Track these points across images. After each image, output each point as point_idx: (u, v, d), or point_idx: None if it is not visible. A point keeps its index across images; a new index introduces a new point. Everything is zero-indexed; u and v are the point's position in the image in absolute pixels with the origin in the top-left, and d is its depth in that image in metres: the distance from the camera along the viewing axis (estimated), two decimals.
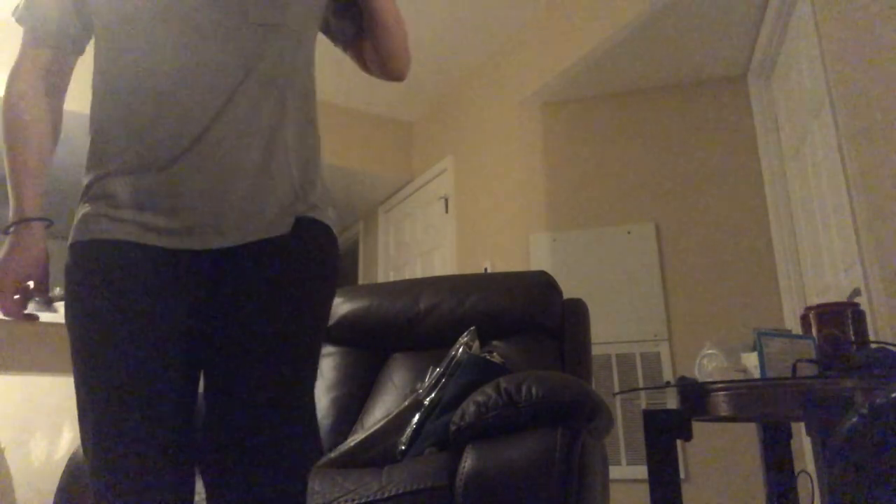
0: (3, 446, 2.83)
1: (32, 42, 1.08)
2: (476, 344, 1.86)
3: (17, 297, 1.03)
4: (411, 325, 2.07)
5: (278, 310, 0.98)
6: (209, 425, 0.97)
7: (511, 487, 1.27)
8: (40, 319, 1.08)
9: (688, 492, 2.78)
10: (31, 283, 1.04)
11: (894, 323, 1.78)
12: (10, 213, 1.03)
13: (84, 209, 1.02)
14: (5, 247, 1.02)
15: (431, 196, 4.27)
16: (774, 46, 2.84)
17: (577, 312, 2.01)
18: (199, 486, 0.99)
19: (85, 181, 1.03)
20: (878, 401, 1.26)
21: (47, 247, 1.05)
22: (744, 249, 3.02)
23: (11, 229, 1.02)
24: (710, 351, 1.66)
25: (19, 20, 1.08)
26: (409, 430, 1.68)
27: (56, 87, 1.10)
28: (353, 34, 1.24)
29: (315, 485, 1.41)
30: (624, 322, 3.10)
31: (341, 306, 2.15)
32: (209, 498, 0.95)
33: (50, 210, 1.07)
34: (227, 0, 1.02)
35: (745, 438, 2.78)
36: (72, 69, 1.12)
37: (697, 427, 1.72)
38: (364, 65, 1.28)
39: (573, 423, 1.36)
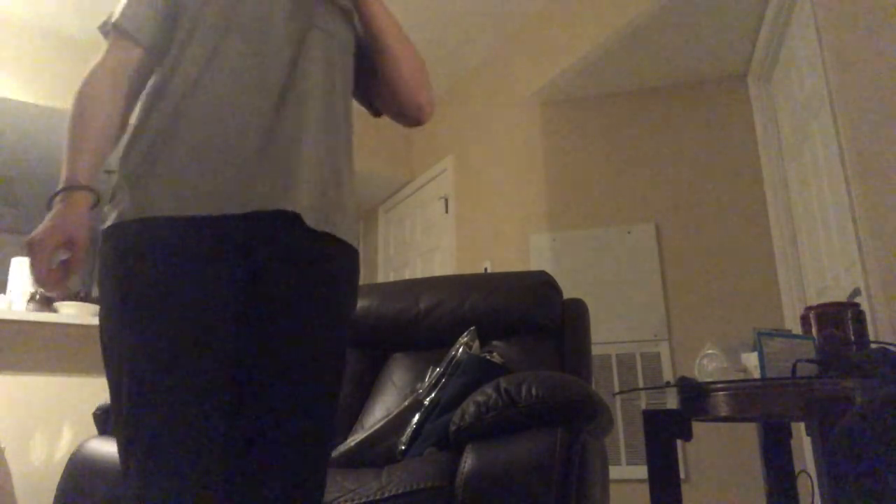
0: (3, 446, 2.83)
1: (122, 44, 1.11)
2: (476, 344, 1.86)
3: (55, 265, 0.99)
4: (411, 325, 2.07)
5: (314, 333, 1.03)
6: (231, 452, 1.00)
7: (511, 487, 1.27)
8: (40, 320, 1.07)
9: (688, 492, 2.78)
10: (70, 253, 1.00)
11: (894, 323, 1.78)
12: (60, 184, 1.02)
13: (119, 194, 1.03)
14: (50, 213, 1.00)
15: (431, 196, 4.27)
16: (774, 46, 2.84)
17: (577, 312, 2.01)
18: None
19: (120, 172, 1.04)
20: (877, 400, 1.26)
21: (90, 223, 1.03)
22: (744, 249, 3.02)
23: (58, 197, 1.01)
24: (710, 351, 1.66)
25: (116, 24, 1.11)
26: (409, 430, 1.68)
27: (133, 90, 1.13)
28: (365, 73, 1.26)
29: None
30: (624, 322, 3.10)
31: None
32: None
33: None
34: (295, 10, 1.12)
35: (745, 438, 2.78)
36: (150, 76, 1.15)
37: (697, 427, 1.72)
38: (378, 106, 1.30)
39: (573, 423, 1.36)
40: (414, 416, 1.71)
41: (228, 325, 0.99)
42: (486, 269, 3.60)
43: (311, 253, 1.05)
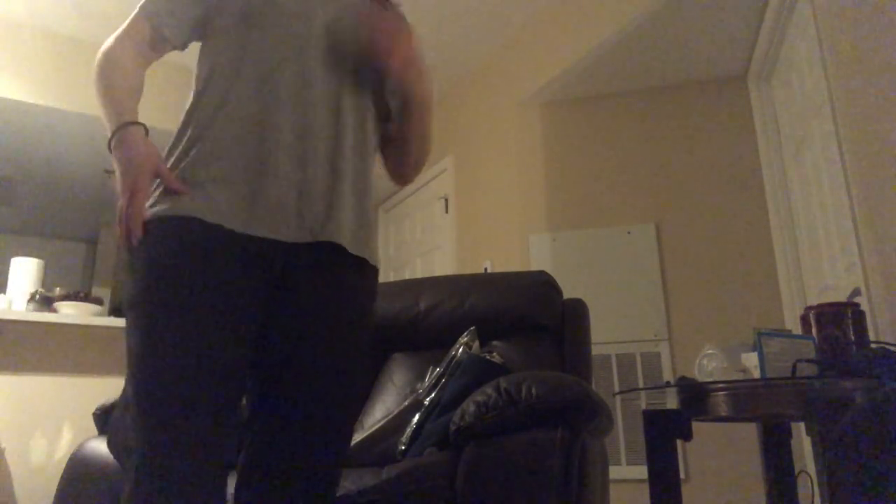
0: (3, 446, 2.83)
1: (148, 25, 1.16)
2: (476, 344, 1.86)
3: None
4: (411, 325, 2.06)
5: (343, 344, 1.10)
6: (257, 442, 1.05)
7: (511, 487, 1.27)
8: (40, 320, 1.09)
9: (688, 492, 2.78)
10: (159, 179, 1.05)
11: (894, 323, 1.78)
12: (110, 129, 1.06)
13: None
14: (120, 150, 1.04)
15: (431, 196, 4.27)
16: (774, 46, 2.84)
17: (577, 312, 2.01)
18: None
19: (175, 166, 1.07)
20: (877, 400, 1.26)
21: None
22: (744, 249, 3.02)
23: (117, 135, 1.05)
24: (710, 351, 1.66)
25: (155, 25, 1.17)
26: (409, 430, 1.68)
27: (146, 64, 1.18)
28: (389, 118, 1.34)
29: None
30: (624, 322, 3.10)
31: None
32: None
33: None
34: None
35: (745, 438, 2.78)
36: (159, 57, 1.21)
37: (697, 427, 1.72)
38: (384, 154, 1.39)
39: (573, 423, 1.36)
40: (414, 416, 1.71)
41: (256, 324, 1.04)
42: (486, 269, 3.60)
43: (344, 269, 1.12)
